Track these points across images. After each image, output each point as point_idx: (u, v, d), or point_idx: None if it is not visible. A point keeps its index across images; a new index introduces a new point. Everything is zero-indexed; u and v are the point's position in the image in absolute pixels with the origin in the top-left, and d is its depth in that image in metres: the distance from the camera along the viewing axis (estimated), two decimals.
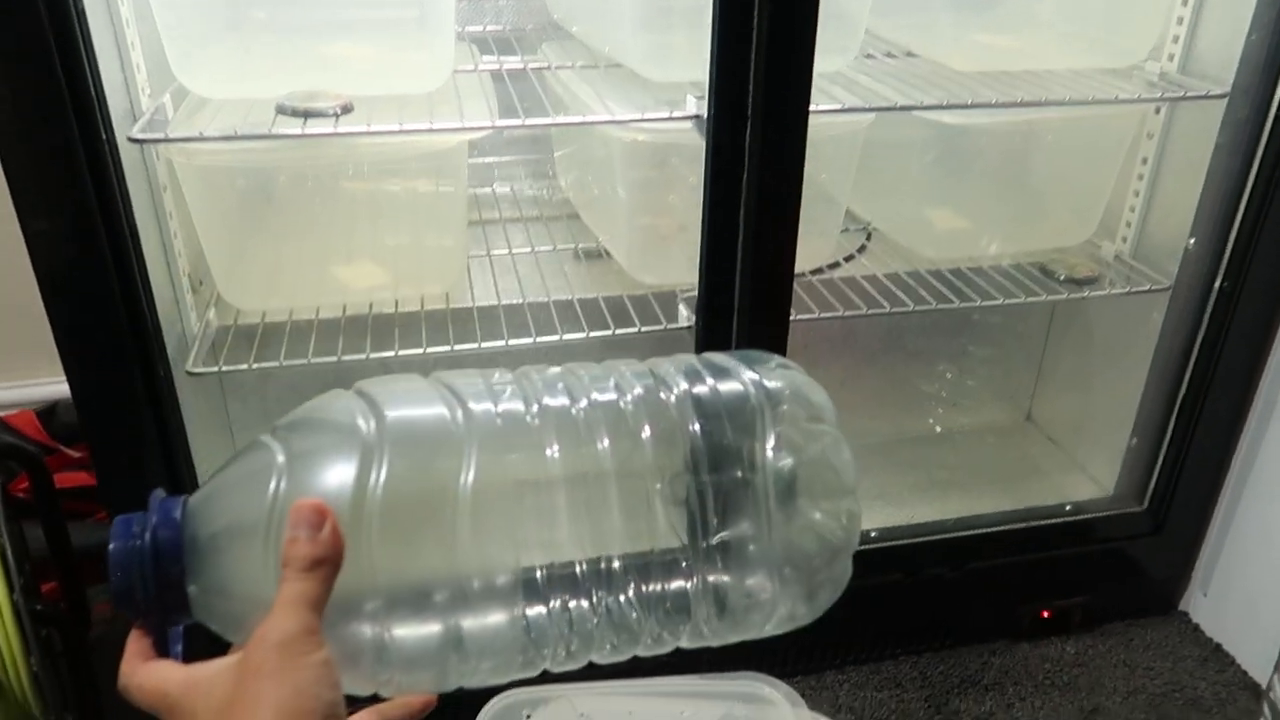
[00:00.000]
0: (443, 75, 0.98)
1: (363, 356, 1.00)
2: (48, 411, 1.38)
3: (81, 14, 0.76)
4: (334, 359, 0.99)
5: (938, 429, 1.57)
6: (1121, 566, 1.31)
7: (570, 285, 1.28)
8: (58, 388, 1.22)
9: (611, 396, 0.42)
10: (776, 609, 0.42)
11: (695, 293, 1.16)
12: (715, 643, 0.43)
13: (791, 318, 1.05)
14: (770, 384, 0.43)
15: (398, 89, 0.98)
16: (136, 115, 0.93)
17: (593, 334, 1.06)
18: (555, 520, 0.40)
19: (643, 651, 0.42)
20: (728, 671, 1.01)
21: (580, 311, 1.21)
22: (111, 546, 0.39)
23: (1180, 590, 1.36)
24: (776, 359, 0.46)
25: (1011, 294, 1.18)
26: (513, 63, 1.30)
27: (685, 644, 0.42)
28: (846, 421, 1.67)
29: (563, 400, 0.42)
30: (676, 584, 0.41)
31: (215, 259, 1.03)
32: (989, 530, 1.23)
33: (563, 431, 0.41)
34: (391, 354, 1.00)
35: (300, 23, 0.95)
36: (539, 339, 1.06)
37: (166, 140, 0.86)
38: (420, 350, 1.01)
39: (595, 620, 0.40)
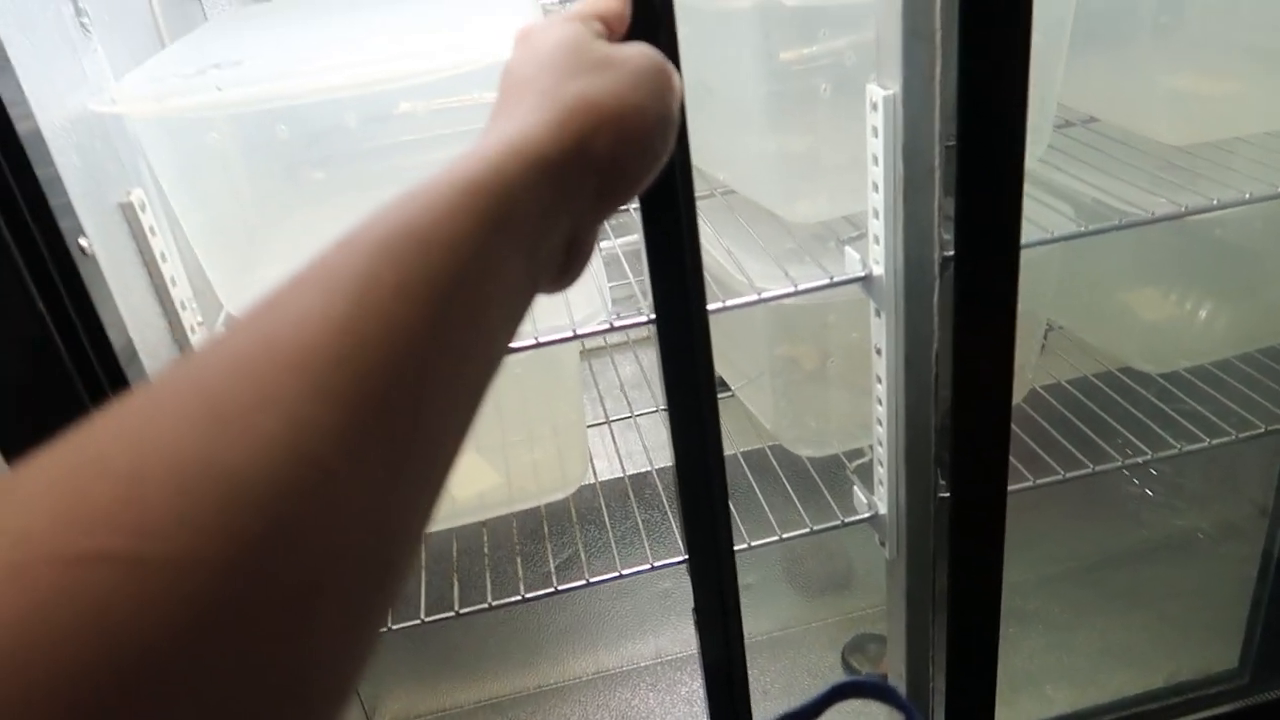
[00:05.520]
0: None
1: (484, 606, 0.82)
2: None
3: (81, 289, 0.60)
4: (451, 614, 0.81)
5: (1144, 534, 1.31)
6: None
7: None
8: None
9: None
10: None
11: (867, 460, 0.95)
12: None
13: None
14: None
15: None
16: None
17: (755, 544, 0.85)
18: None
19: None
20: None
21: None
22: None
23: None
24: None
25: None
26: None
27: None
28: (1042, 549, 1.34)
29: None
30: None
31: None
32: None
33: None
34: (518, 598, 0.82)
35: (361, 178, 0.76)
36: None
37: None
38: (551, 589, 0.82)
39: None
